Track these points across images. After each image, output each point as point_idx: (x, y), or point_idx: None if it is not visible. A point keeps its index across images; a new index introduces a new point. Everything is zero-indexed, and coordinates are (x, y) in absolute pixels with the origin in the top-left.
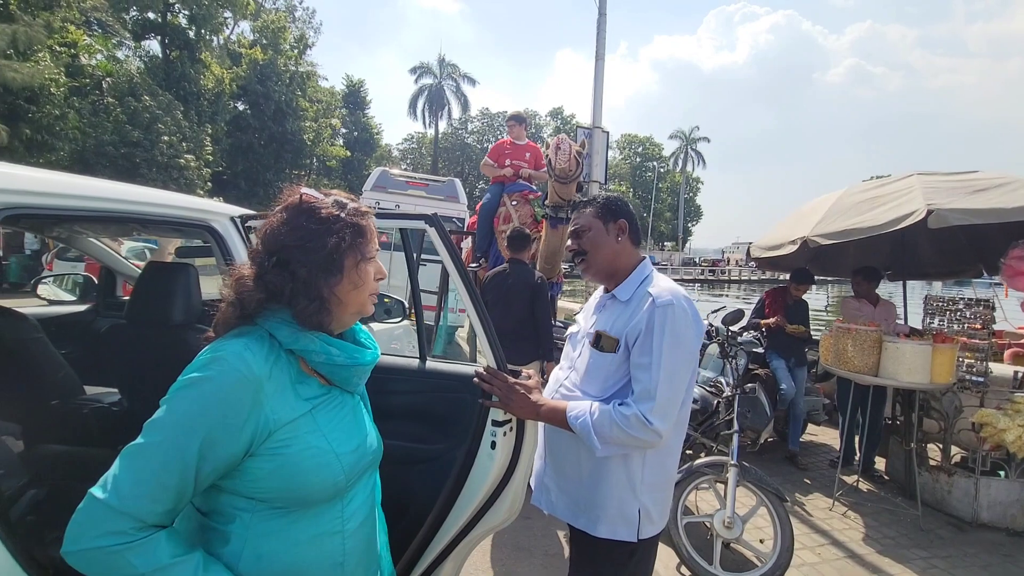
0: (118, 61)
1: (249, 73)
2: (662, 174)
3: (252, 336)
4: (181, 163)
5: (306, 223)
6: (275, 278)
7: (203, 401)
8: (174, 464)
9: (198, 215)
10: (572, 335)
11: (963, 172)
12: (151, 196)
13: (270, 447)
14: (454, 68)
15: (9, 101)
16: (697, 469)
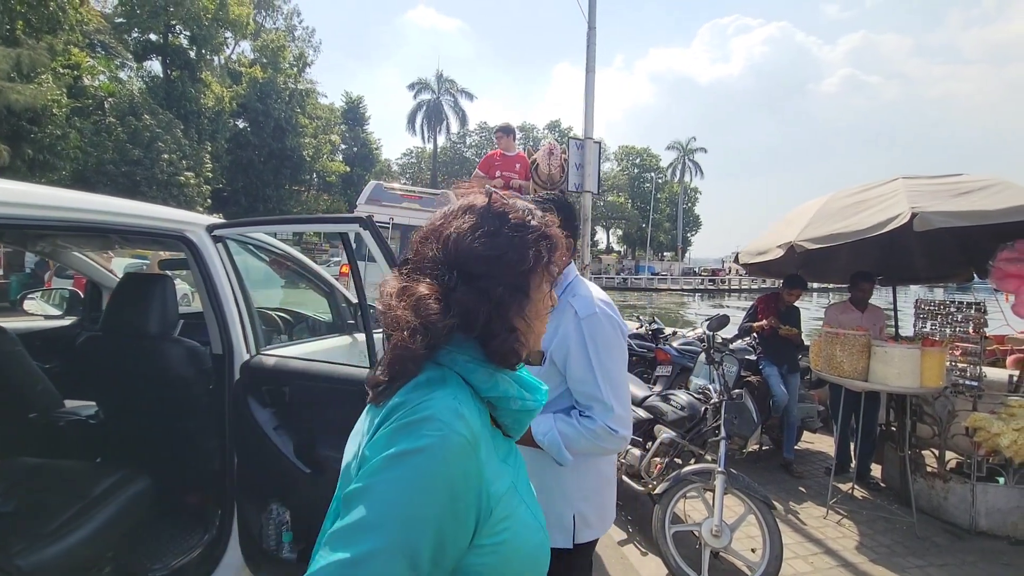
0: (120, 82)
1: (249, 91)
2: (660, 185)
3: (452, 383)
4: (181, 180)
5: (503, 229)
6: (468, 299)
7: (425, 483)
8: None
9: (172, 226)
10: None
11: (947, 175)
12: (119, 207)
13: (491, 533)
14: (452, 83)
15: (12, 122)
16: (685, 477)
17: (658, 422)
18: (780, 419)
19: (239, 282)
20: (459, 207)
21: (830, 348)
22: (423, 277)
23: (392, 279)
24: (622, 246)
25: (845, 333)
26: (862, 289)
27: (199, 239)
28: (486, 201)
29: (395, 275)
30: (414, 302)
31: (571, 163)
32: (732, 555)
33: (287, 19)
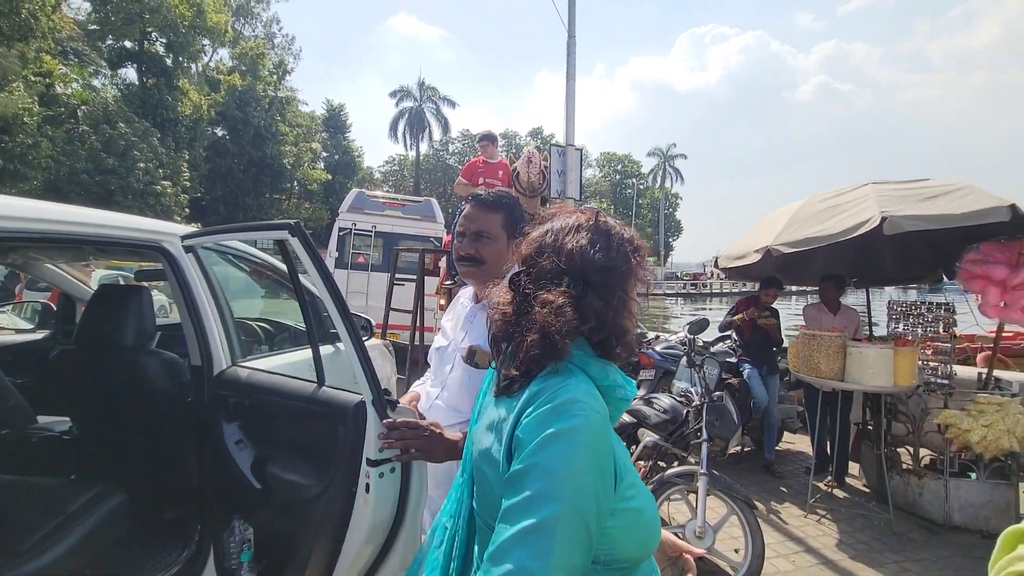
0: (94, 89)
1: (228, 99)
2: (641, 191)
3: (576, 372)
4: (158, 189)
5: (612, 243)
6: (597, 304)
7: (584, 454)
8: (580, 537)
9: (148, 236)
10: (440, 349)
11: (915, 180)
12: (94, 217)
13: (623, 498)
14: (434, 91)
15: None
16: (668, 479)
17: (641, 425)
18: (761, 420)
19: (216, 292)
20: (570, 225)
21: (808, 350)
22: (551, 287)
23: (503, 290)
24: None
25: (822, 335)
26: (828, 290)
27: (176, 249)
28: (592, 219)
29: (506, 287)
30: (555, 309)
31: (553, 170)
32: (716, 555)
33: (266, 27)
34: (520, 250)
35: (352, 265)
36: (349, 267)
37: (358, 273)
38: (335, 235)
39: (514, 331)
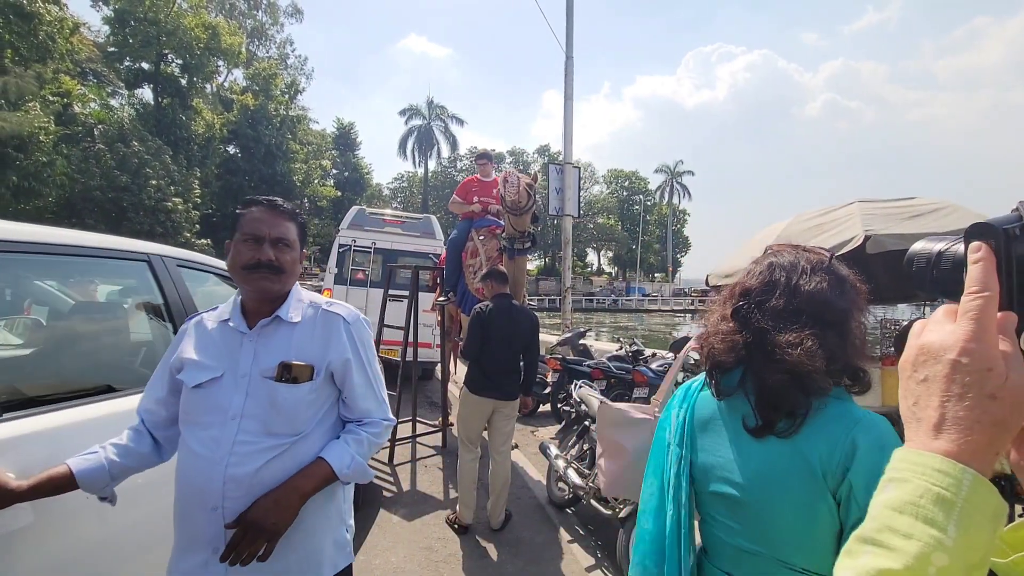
0: (111, 109)
1: (240, 118)
2: (649, 207)
3: (847, 401)
4: (169, 206)
5: (845, 284)
6: (834, 343)
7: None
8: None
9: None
10: (205, 385)
11: (902, 198)
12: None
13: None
14: (443, 109)
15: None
16: None
17: None
18: None
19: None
20: (801, 266)
21: None
22: (790, 327)
23: (723, 319)
24: (613, 268)
25: None
26: None
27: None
28: (825, 262)
29: (727, 316)
30: (808, 351)
31: (551, 188)
32: None
33: (280, 48)
34: (744, 283)
35: (351, 281)
36: (348, 283)
37: (357, 289)
38: (335, 251)
39: (742, 361)
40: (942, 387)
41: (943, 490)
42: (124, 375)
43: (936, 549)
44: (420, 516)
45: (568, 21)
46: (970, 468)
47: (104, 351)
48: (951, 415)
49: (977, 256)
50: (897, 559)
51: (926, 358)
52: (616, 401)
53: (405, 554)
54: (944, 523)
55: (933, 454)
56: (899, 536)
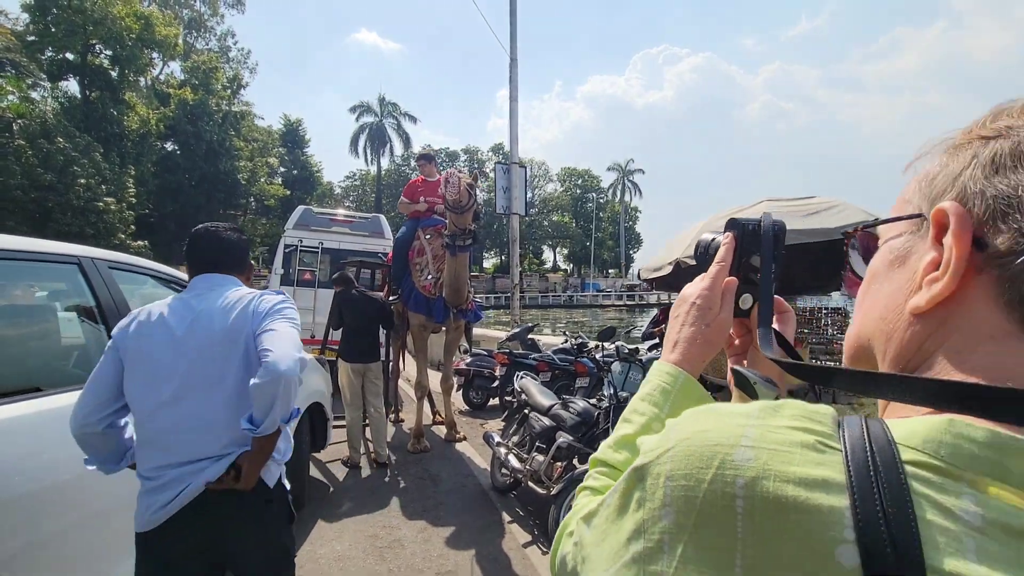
0: (32, 102)
1: (178, 113)
2: (602, 204)
3: None
4: (100, 206)
5: None
6: None
7: None
8: None
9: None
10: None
11: (803, 197)
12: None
13: None
14: (395, 107)
15: None
16: (578, 477)
17: (559, 429)
18: None
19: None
20: None
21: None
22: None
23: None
24: (568, 264)
25: None
26: None
27: (89, 267)
28: None
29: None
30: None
31: (498, 186)
32: None
33: (220, 40)
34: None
35: (299, 282)
36: (295, 284)
37: (305, 289)
38: (280, 252)
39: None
40: (682, 319)
41: (666, 385)
42: (53, 376)
43: (655, 420)
44: (365, 507)
45: (512, 24)
46: (683, 370)
47: (32, 353)
48: (682, 337)
49: (724, 241)
50: (632, 428)
51: (680, 302)
52: (560, 392)
53: (350, 543)
54: (663, 404)
55: (665, 363)
56: (637, 414)
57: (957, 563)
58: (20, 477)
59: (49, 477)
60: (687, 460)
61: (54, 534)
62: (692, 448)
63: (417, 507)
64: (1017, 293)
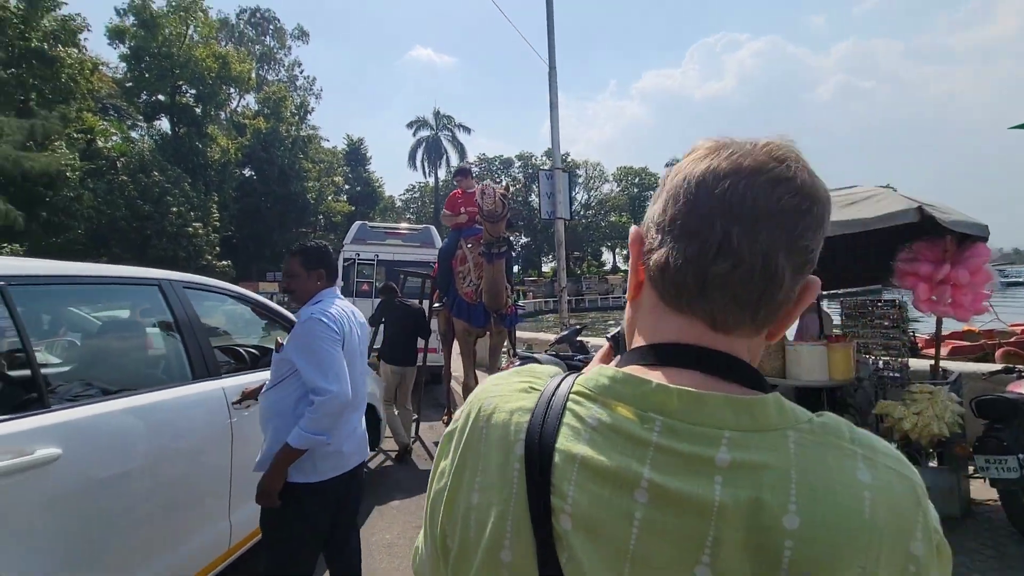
0: (132, 141)
1: (253, 141)
2: None
3: None
4: (190, 231)
5: None
6: None
7: None
8: None
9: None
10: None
11: (844, 188)
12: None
13: None
14: (449, 119)
15: (27, 188)
16: None
17: None
18: None
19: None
20: None
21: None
22: None
23: None
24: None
25: None
26: None
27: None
28: None
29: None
30: None
31: (542, 192)
32: None
33: (288, 70)
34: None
35: (357, 292)
36: (354, 295)
37: (363, 300)
38: (340, 265)
39: None
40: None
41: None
42: (143, 379)
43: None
44: (415, 500)
45: (549, 33)
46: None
47: (128, 361)
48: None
49: (605, 347)
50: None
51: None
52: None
53: (399, 532)
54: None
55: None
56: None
57: (572, 445)
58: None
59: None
60: (466, 408)
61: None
62: (469, 400)
63: None
64: (652, 276)
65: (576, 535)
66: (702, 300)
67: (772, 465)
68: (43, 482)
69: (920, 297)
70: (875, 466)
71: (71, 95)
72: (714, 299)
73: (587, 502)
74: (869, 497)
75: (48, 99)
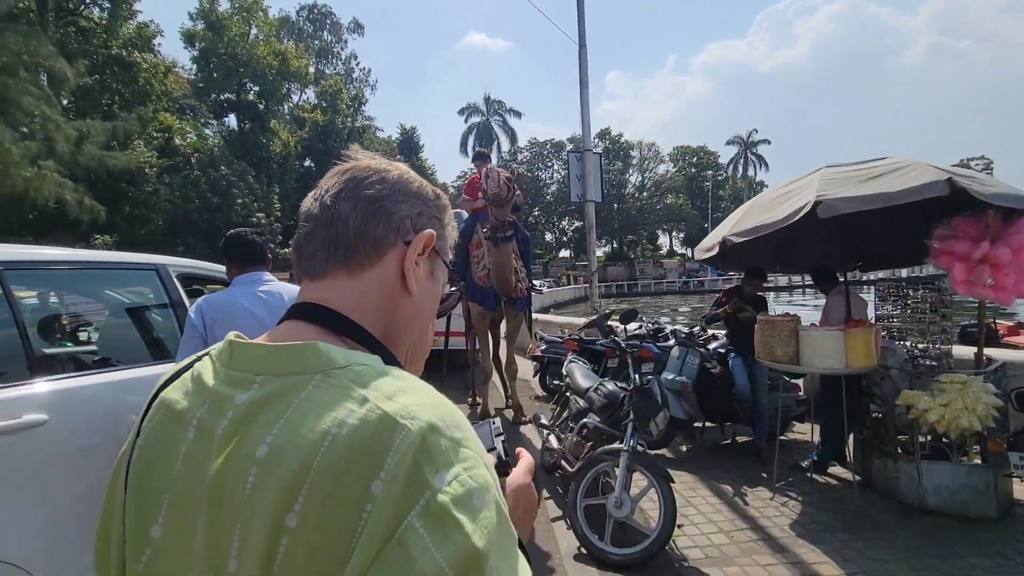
0: (204, 138)
1: (311, 134)
2: (720, 182)
3: None
4: (253, 221)
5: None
6: None
7: None
8: None
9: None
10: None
11: (870, 160)
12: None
13: None
14: (500, 104)
15: (112, 184)
16: (596, 456)
17: (590, 410)
18: (752, 409)
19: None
20: None
21: (764, 335)
22: None
23: None
24: (685, 248)
25: (776, 320)
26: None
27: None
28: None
29: None
30: None
31: (571, 174)
32: (633, 523)
33: (345, 63)
34: None
35: None
36: None
37: None
38: None
39: None
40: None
41: None
42: (140, 352)
43: None
44: None
45: (580, 11)
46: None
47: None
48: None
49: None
50: None
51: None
52: (589, 371)
53: None
54: None
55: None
56: None
57: (168, 393)
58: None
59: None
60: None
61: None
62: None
63: None
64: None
65: (136, 465)
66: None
67: (276, 404)
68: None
69: (956, 278)
70: (364, 409)
71: (147, 97)
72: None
73: (155, 437)
74: (335, 433)
75: (128, 101)
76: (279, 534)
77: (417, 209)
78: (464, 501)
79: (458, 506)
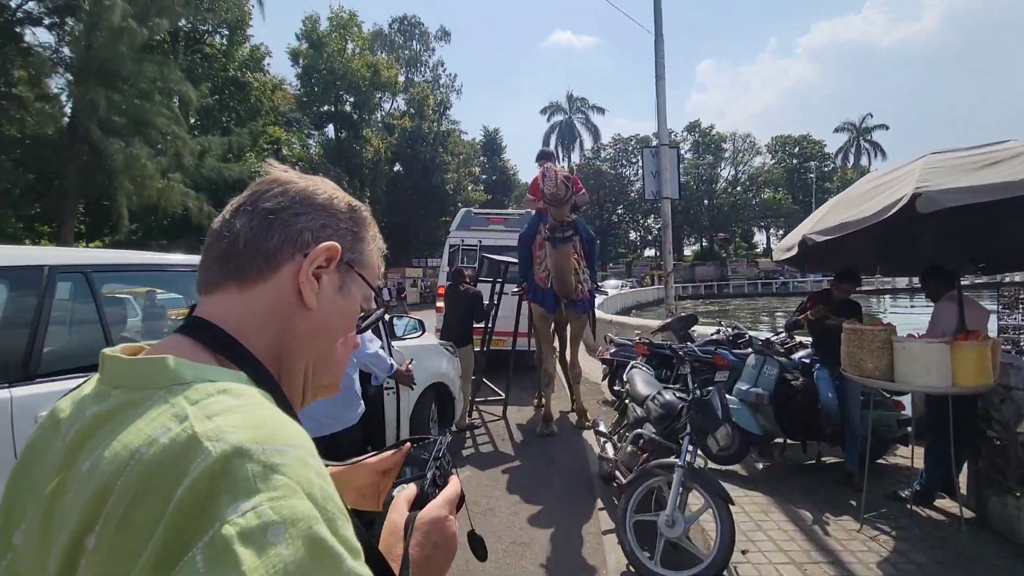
0: (306, 148)
1: (400, 140)
2: (827, 173)
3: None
4: None
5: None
6: None
7: None
8: None
9: None
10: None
11: (986, 145)
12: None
13: None
14: (583, 102)
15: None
16: (649, 470)
17: (647, 420)
18: (841, 428)
19: None
20: None
21: (850, 346)
22: None
23: None
24: None
25: (865, 329)
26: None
27: None
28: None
29: None
30: None
31: (646, 171)
32: (686, 544)
33: (433, 70)
34: None
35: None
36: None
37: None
38: (446, 252)
39: None
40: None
41: None
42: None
43: None
44: (476, 478)
45: (656, 1)
46: None
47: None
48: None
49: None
50: None
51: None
52: (652, 377)
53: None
54: None
55: None
56: None
57: (61, 402)
58: None
59: None
60: None
61: None
62: None
63: (522, 484)
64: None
65: (15, 469)
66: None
67: (115, 418)
68: None
69: None
70: (180, 428)
71: (258, 112)
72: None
73: (32, 443)
74: (143, 452)
75: (242, 118)
76: (79, 555)
77: (320, 221)
78: (252, 536)
79: (244, 541)
